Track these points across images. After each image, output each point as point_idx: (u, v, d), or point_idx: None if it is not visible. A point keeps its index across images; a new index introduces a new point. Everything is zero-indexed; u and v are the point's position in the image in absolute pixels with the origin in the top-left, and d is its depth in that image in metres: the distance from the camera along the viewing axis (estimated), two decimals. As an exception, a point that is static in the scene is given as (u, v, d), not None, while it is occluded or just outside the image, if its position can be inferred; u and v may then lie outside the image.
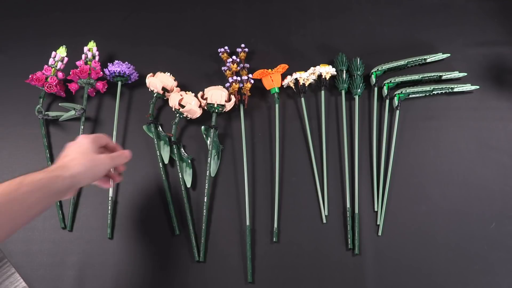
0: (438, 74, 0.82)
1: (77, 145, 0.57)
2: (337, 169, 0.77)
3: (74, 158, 0.54)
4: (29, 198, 0.47)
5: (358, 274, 0.69)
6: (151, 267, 0.70)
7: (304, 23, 0.91)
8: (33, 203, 0.48)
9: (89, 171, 0.55)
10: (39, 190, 0.48)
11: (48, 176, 0.50)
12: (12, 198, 0.46)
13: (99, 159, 0.56)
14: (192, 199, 0.75)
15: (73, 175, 0.52)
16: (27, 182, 0.48)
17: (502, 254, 0.70)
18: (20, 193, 0.46)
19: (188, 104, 0.76)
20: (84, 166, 0.54)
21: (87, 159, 0.55)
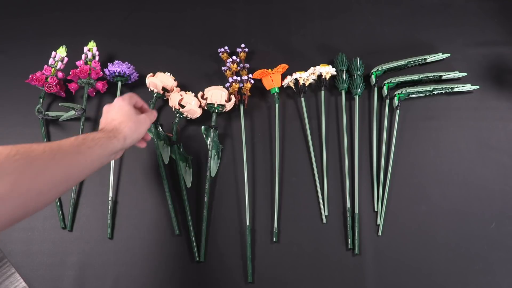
0: (438, 74, 0.82)
1: (119, 108, 0.60)
2: (337, 169, 0.77)
3: (122, 121, 0.58)
4: (93, 153, 0.50)
5: (358, 274, 0.69)
6: (151, 267, 0.70)
7: (304, 23, 0.91)
8: (94, 159, 0.51)
9: (135, 133, 0.59)
10: (99, 147, 0.52)
11: (106, 136, 0.54)
12: (80, 150, 0.49)
13: (142, 120, 0.60)
14: (192, 199, 0.75)
15: (125, 137, 0.56)
16: (91, 138, 0.51)
17: (502, 254, 0.70)
18: (86, 147, 0.50)
19: (188, 104, 0.76)
20: (131, 128, 0.58)
21: (133, 121, 0.59)
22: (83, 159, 0.49)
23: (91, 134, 0.52)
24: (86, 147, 0.50)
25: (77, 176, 0.50)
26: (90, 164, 0.51)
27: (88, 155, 0.50)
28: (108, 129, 0.56)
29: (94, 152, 0.51)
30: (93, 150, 0.51)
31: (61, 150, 0.47)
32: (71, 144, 0.49)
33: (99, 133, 0.54)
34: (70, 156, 0.48)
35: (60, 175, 0.46)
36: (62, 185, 0.47)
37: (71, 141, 0.49)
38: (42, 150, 0.45)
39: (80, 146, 0.49)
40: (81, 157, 0.49)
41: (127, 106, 0.60)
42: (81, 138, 0.51)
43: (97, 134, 0.53)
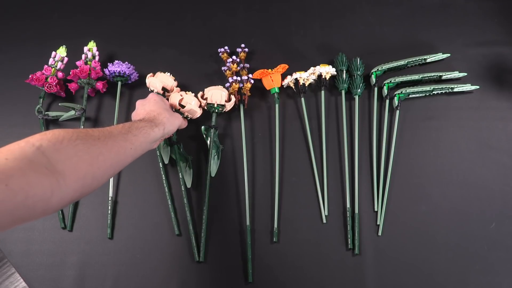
0: (438, 74, 0.82)
1: (155, 102, 0.66)
2: (337, 169, 0.77)
3: (161, 113, 0.63)
4: (137, 141, 0.54)
5: (358, 274, 0.69)
6: (151, 267, 0.70)
7: (304, 23, 0.91)
8: (137, 146, 0.54)
9: (172, 125, 0.65)
10: (143, 135, 0.55)
11: (149, 125, 0.58)
12: (127, 138, 0.52)
13: (176, 114, 0.68)
14: (192, 199, 0.75)
15: (164, 127, 0.61)
16: (135, 127, 0.55)
17: (502, 254, 0.70)
18: (132, 135, 0.53)
19: (188, 104, 0.76)
20: (169, 120, 0.63)
21: (170, 113, 0.65)
22: (130, 146, 0.52)
23: (135, 123, 0.56)
24: (132, 135, 0.53)
25: (124, 163, 0.52)
26: (134, 151, 0.53)
27: (133, 142, 0.53)
28: (149, 119, 0.60)
29: (138, 139, 0.54)
30: (138, 138, 0.54)
31: (112, 136, 0.49)
32: (120, 132, 0.52)
33: (142, 122, 0.57)
34: (119, 143, 0.50)
35: (111, 161, 0.48)
36: (111, 170, 0.49)
37: (120, 129, 0.52)
38: (97, 136, 0.47)
39: (127, 134, 0.52)
40: (128, 144, 0.52)
41: (162, 100, 0.67)
42: (128, 126, 0.54)
43: (140, 123, 0.57)
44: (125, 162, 0.52)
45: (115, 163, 0.50)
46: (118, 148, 0.50)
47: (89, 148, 0.45)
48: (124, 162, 0.52)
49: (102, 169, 0.47)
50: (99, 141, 0.47)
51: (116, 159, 0.50)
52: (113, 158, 0.49)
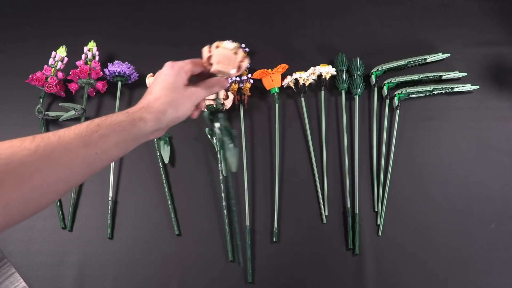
0: (438, 74, 0.82)
1: (162, 79, 0.50)
2: (337, 169, 0.77)
3: (159, 97, 0.48)
4: (108, 142, 0.43)
5: (358, 274, 0.69)
6: (151, 267, 0.70)
7: (304, 23, 0.91)
8: (110, 148, 0.43)
9: (176, 110, 0.49)
10: (117, 134, 0.44)
11: (129, 119, 0.45)
12: (89, 141, 0.41)
13: (188, 94, 0.50)
14: (192, 199, 0.75)
15: (157, 118, 0.47)
16: (105, 125, 0.43)
17: (502, 254, 0.70)
18: (97, 136, 0.42)
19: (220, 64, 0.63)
20: (169, 105, 0.48)
21: (174, 95, 0.49)
22: (92, 151, 0.41)
23: (109, 118, 0.45)
24: (99, 136, 0.42)
25: (85, 172, 0.42)
26: (104, 154, 0.43)
27: (100, 145, 0.42)
28: (135, 109, 0.47)
29: (109, 140, 0.43)
30: (109, 138, 0.43)
31: (61, 145, 0.39)
32: (77, 135, 0.41)
33: (122, 115, 0.46)
34: (72, 151, 0.40)
35: (57, 176, 0.38)
36: (62, 186, 0.40)
37: (79, 130, 0.42)
38: (34, 150, 0.37)
39: (90, 136, 0.42)
40: (89, 149, 0.41)
41: (172, 76, 0.50)
42: (95, 124, 0.43)
43: (119, 116, 0.45)
44: (88, 171, 0.42)
45: (68, 177, 0.40)
46: (70, 157, 0.39)
47: (16, 169, 0.35)
48: (86, 171, 0.42)
49: (41, 189, 0.37)
50: (34, 155, 0.37)
51: (69, 171, 0.39)
52: (63, 172, 0.39)
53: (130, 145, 0.46)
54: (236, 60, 0.52)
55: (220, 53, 0.52)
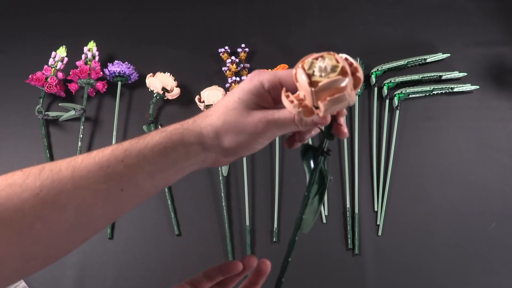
0: (438, 74, 0.82)
1: (231, 91, 0.36)
2: (337, 169, 0.77)
3: (210, 114, 0.35)
4: (136, 175, 0.31)
5: (358, 274, 0.69)
6: (151, 267, 0.70)
7: (304, 23, 0.91)
8: (141, 181, 0.32)
9: (232, 136, 0.34)
10: (150, 162, 0.32)
11: (166, 141, 0.33)
12: (111, 173, 0.30)
13: (245, 123, 0.33)
14: (192, 199, 0.75)
15: (202, 142, 0.34)
16: (135, 151, 0.31)
17: (502, 254, 0.70)
18: (123, 166, 0.31)
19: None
20: (222, 126, 0.34)
21: (232, 115, 0.34)
22: (117, 187, 0.31)
23: (142, 139, 0.33)
24: (125, 166, 0.31)
25: (106, 216, 0.32)
26: (134, 190, 0.32)
27: (127, 178, 0.31)
28: (176, 126, 0.34)
29: (140, 170, 0.31)
30: (139, 168, 0.31)
31: (74, 180, 0.29)
32: (98, 165, 0.30)
33: (157, 135, 0.33)
34: (88, 189, 0.30)
35: (67, 224, 0.29)
36: (73, 236, 0.30)
37: (100, 158, 0.31)
38: (37, 190, 0.28)
39: (114, 167, 0.30)
40: (112, 185, 0.30)
41: (236, 95, 0.34)
42: (121, 150, 0.31)
43: (153, 137, 0.33)
44: (112, 213, 0.32)
45: (83, 224, 0.30)
46: (85, 197, 0.29)
47: (12, 219, 0.27)
48: (109, 213, 0.32)
49: (46, 242, 0.29)
50: (37, 197, 0.28)
51: (84, 216, 0.30)
52: (75, 217, 0.29)
53: (171, 176, 0.34)
54: (346, 86, 0.30)
55: (323, 88, 0.30)
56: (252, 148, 0.35)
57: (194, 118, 0.35)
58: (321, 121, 0.32)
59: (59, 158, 0.83)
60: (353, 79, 0.31)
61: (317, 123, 0.33)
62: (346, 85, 0.30)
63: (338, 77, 0.30)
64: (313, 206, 0.39)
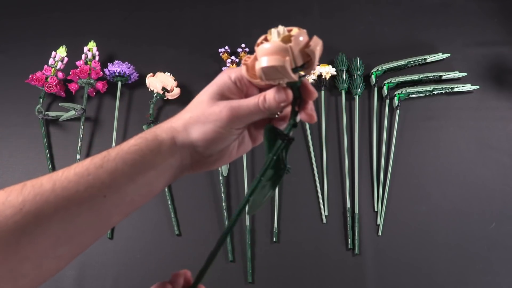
0: (438, 74, 0.82)
1: (204, 90, 0.37)
2: (337, 169, 0.77)
3: (182, 113, 0.36)
4: (117, 179, 0.31)
5: (358, 274, 0.69)
6: (151, 267, 0.70)
7: (304, 23, 0.91)
8: (123, 186, 0.31)
9: (195, 130, 0.34)
10: (129, 164, 0.31)
11: (140, 141, 0.33)
12: (92, 181, 0.30)
13: (209, 112, 0.34)
14: (192, 199, 0.75)
15: (173, 136, 0.34)
16: (113, 156, 0.31)
17: (502, 254, 0.70)
18: (103, 171, 0.30)
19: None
20: (190, 122, 0.34)
21: (199, 108, 0.35)
22: (99, 194, 0.30)
23: (121, 145, 0.33)
24: (105, 171, 0.30)
25: (94, 227, 0.31)
26: (117, 196, 0.31)
27: (108, 184, 0.30)
28: (151, 128, 0.35)
29: (120, 175, 0.31)
30: (119, 172, 0.31)
31: (56, 192, 0.29)
32: (77, 174, 0.30)
33: (133, 138, 0.34)
34: (71, 199, 0.29)
35: (53, 237, 0.28)
36: (61, 250, 0.30)
37: (81, 168, 0.30)
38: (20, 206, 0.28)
39: (95, 173, 0.30)
40: (94, 192, 0.30)
41: (205, 89, 0.36)
42: (100, 157, 0.31)
43: (130, 140, 0.33)
44: (99, 223, 0.31)
45: (70, 236, 0.30)
46: (69, 208, 0.29)
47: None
48: (96, 224, 0.31)
49: (34, 258, 0.28)
50: (20, 213, 0.27)
51: (71, 228, 0.29)
52: (62, 229, 0.29)
53: (153, 179, 0.33)
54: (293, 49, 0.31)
55: (263, 50, 0.32)
56: (221, 139, 0.34)
57: (170, 118, 0.35)
58: (281, 96, 0.32)
59: (59, 158, 0.82)
60: (302, 56, 0.32)
61: (278, 100, 0.32)
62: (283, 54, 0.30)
63: (278, 42, 0.31)
64: (264, 191, 0.37)
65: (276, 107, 0.33)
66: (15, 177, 0.77)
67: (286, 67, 0.30)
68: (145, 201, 0.33)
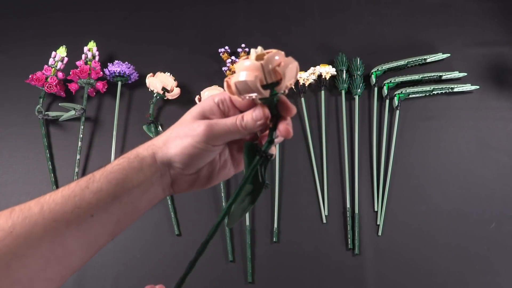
0: (438, 74, 0.82)
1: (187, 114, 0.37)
2: (337, 169, 0.77)
3: (163, 134, 0.36)
4: (102, 199, 0.32)
5: (358, 274, 0.69)
6: (151, 267, 0.70)
7: (304, 23, 0.91)
8: (108, 205, 0.32)
9: (171, 147, 0.34)
10: (113, 184, 0.32)
11: (123, 161, 0.34)
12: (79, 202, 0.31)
13: (188, 128, 0.35)
14: (192, 199, 0.75)
15: (154, 152, 0.35)
16: (98, 176, 0.33)
17: (502, 254, 0.70)
18: (89, 192, 0.32)
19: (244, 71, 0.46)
20: (168, 141, 0.35)
21: (180, 126, 0.35)
22: (86, 214, 0.31)
23: (106, 166, 0.34)
24: (90, 192, 0.31)
25: (83, 247, 0.32)
26: (104, 216, 0.32)
27: (95, 204, 0.31)
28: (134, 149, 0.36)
29: (106, 195, 0.32)
30: (104, 192, 0.32)
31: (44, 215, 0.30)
32: (64, 197, 0.31)
33: (117, 159, 0.34)
34: (59, 220, 0.30)
35: (44, 259, 0.29)
36: (51, 272, 0.30)
37: (67, 191, 0.31)
38: (10, 230, 0.28)
39: (81, 194, 0.31)
40: (81, 212, 0.31)
41: (189, 111, 0.36)
42: (86, 179, 0.32)
43: (114, 161, 0.34)
44: (88, 243, 0.32)
45: (60, 257, 0.30)
46: (58, 229, 0.30)
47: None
48: (85, 243, 0.32)
49: (25, 280, 0.28)
50: (10, 236, 0.28)
51: (60, 249, 0.30)
52: (51, 251, 0.29)
53: (137, 198, 0.34)
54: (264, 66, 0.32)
55: (238, 66, 0.33)
56: (198, 155, 0.35)
57: (155, 139, 0.36)
58: (258, 115, 0.34)
59: (59, 158, 0.82)
60: (274, 73, 0.32)
61: (255, 119, 0.34)
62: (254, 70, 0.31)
63: (250, 60, 0.32)
64: (243, 205, 0.39)
65: (253, 125, 0.34)
66: (15, 177, 0.77)
67: (255, 83, 0.31)
68: (131, 222, 0.34)
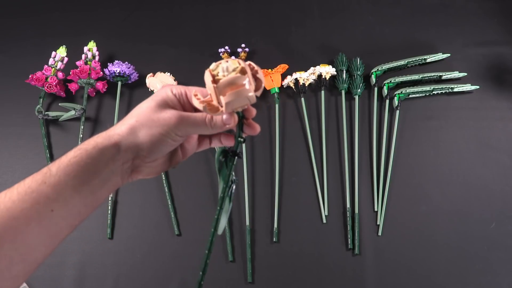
0: (438, 74, 0.82)
1: (145, 102, 0.38)
2: (337, 169, 0.77)
3: (123, 120, 0.37)
4: (62, 192, 0.32)
5: (358, 274, 0.69)
6: (151, 267, 0.70)
7: (304, 23, 0.91)
8: (69, 198, 0.32)
9: (137, 137, 0.35)
10: (71, 175, 0.32)
11: (81, 151, 0.34)
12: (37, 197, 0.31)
13: (157, 119, 0.35)
14: (192, 199, 0.75)
15: (118, 143, 0.35)
16: (55, 170, 0.32)
17: (502, 254, 0.70)
18: (46, 187, 0.31)
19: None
20: (133, 130, 0.35)
21: (140, 116, 0.36)
22: (46, 209, 0.31)
23: (61, 157, 0.34)
24: (48, 186, 0.31)
25: (46, 243, 0.31)
26: (65, 209, 0.32)
27: (54, 198, 0.31)
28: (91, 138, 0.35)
29: (64, 187, 0.32)
30: (63, 185, 0.32)
31: (1, 214, 0.29)
32: (21, 193, 0.30)
33: (73, 150, 0.34)
34: (18, 218, 0.30)
35: (8, 258, 0.29)
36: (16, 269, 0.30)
37: (23, 187, 0.31)
38: None
39: (38, 189, 0.31)
40: (41, 208, 0.30)
41: (151, 99, 0.37)
42: (42, 173, 0.32)
43: (70, 152, 0.34)
44: (51, 237, 0.32)
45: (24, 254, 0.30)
46: (18, 227, 0.30)
47: None
48: (48, 238, 0.31)
49: None
50: None
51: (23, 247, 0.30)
52: (14, 249, 0.29)
53: (97, 188, 0.34)
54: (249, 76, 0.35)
55: (224, 84, 0.34)
56: (165, 144, 0.36)
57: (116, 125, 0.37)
58: (228, 120, 0.36)
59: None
60: (255, 81, 0.35)
61: (225, 123, 0.36)
62: (245, 82, 0.33)
63: (237, 75, 0.33)
64: (225, 208, 0.41)
65: (221, 126, 0.37)
66: (15, 177, 0.77)
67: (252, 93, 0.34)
68: (91, 212, 0.34)
